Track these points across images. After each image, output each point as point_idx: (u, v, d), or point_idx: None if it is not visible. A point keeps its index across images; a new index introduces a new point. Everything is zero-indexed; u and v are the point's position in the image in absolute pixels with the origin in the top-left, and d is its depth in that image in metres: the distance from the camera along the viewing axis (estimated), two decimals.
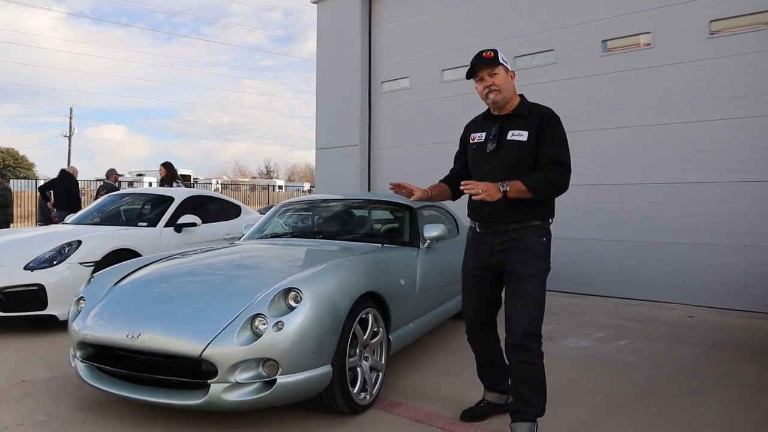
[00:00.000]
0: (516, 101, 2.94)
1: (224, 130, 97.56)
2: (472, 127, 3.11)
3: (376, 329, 3.37)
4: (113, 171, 10.49)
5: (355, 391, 3.12)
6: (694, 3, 6.41)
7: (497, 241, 2.88)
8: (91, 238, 5.34)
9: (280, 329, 2.77)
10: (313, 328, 2.85)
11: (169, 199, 6.50)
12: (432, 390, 3.60)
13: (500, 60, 2.86)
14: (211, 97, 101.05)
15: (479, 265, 2.98)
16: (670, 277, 6.55)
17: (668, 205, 6.58)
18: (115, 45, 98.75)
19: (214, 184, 34.88)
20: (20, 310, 4.84)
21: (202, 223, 6.39)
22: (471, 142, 3.04)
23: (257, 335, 2.77)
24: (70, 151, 37.42)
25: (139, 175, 31.87)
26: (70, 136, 37.58)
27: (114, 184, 10.31)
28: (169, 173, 9.23)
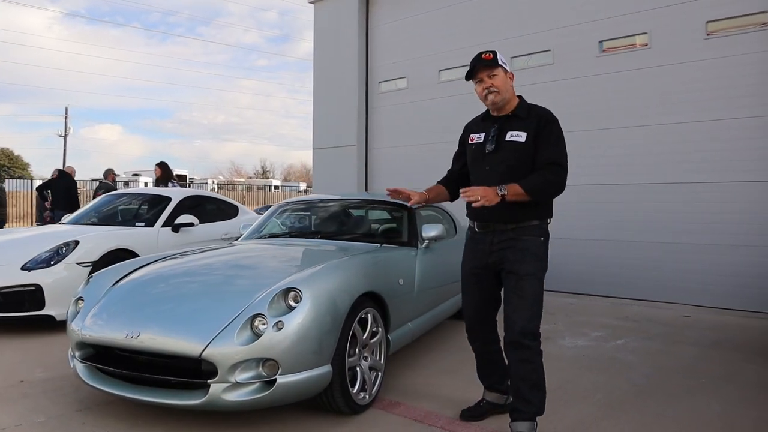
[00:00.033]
0: (515, 102, 2.96)
1: (220, 129, 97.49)
2: (472, 128, 3.13)
3: (375, 329, 3.37)
4: (111, 171, 10.48)
5: (354, 391, 3.12)
6: (691, 4, 6.43)
7: (496, 240, 2.90)
8: (89, 239, 5.32)
9: (280, 329, 2.77)
10: (313, 328, 2.85)
11: (167, 199, 6.49)
12: (431, 390, 3.61)
13: (499, 62, 2.88)
14: (206, 97, 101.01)
15: (478, 263, 2.99)
16: (666, 277, 6.58)
17: (665, 205, 6.60)
18: (111, 45, 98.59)
19: (210, 184, 34.81)
20: (17, 311, 4.82)
21: (199, 223, 6.38)
22: (470, 143, 3.06)
23: (257, 335, 2.77)
24: (65, 150, 37.36)
25: (135, 175, 31.80)
26: (65, 136, 37.51)
27: (112, 183, 10.30)
28: (165, 173, 9.20)
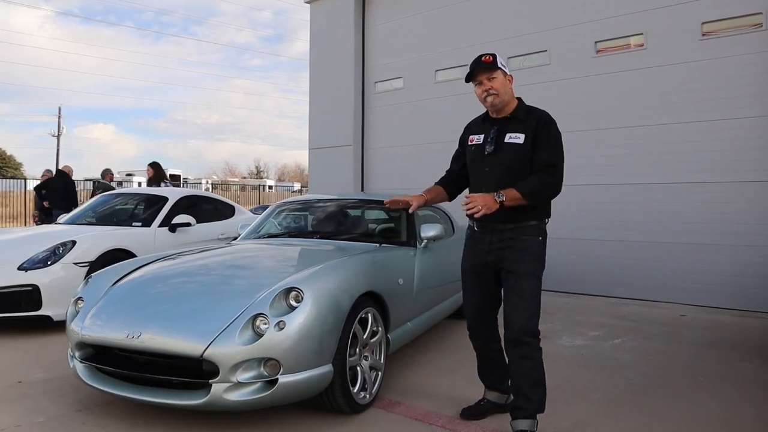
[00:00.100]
0: (514, 104, 2.99)
1: (213, 129, 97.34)
2: (472, 129, 3.15)
3: (375, 329, 3.38)
4: (108, 171, 10.46)
5: (355, 391, 3.12)
6: (686, 5, 6.47)
7: (495, 239, 2.93)
8: (86, 238, 5.30)
9: (282, 329, 2.77)
10: (314, 328, 2.85)
11: (163, 199, 6.47)
12: (430, 389, 3.62)
13: (499, 64, 2.92)
14: (200, 97, 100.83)
15: (478, 262, 3.02)
16: (663, 277, 6.62)
17: (663, 205, 6.63)
18: (104, 44, 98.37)
19: (204, 184, 34.74)
20: (14, 311, 4.79)
21: (196, 223, 6.36)
22: (469, 144, 3.09)
23: (259, 335, 2.76)
24: (58, 150, 37.19)
25: (129, 174, 31.71)
26: (58, 136, 37.37)
27: (109, 183, 10.28)
28: (157, 173, 9.18)
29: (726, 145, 6.25)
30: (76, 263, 5.06)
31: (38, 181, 11.18)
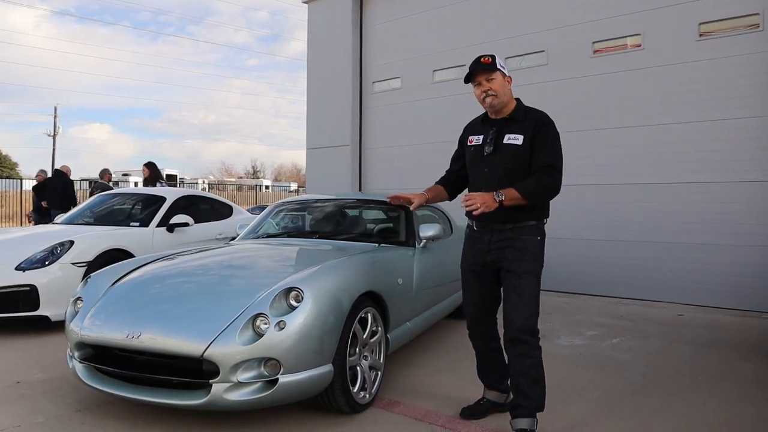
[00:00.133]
0: (512, 105, 3.01)
1: (210, 129, 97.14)
2: (471, 129, 3.17)
3: (375, 328, 3.38)
4: (107, 171, 10.44)
5: (355, 390, 3.13)
6: (684, 6, 6.49)
7: (494, 239, 2.95)
8: (84, 238, 5.28)
9: (282, 329, 2.77)
10: (314, 328, 2.86)
11: (161, 199, 6.46)
12: (430, 388, 3.62)
13: (497, 65, 2.94)
14: (197, 97, 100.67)
15: (477, 261, 3.04)
16: (661, 276, 6.63)
17: (662, 205, 6.64)
18: (100, 44, 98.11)
19: (201, 184, 34.66)
20: (12, 311, 4.78)
21: (194, 223, 6.35)
22: (469, 144, 3.11)
23: (259, 335, 2.76)
24: (54, 150, 37.11)
25: (125, 174, 31.60)
26: (54, 136, 37.24)
27: (108, 183, 10.26)
28: (153, 173, 9.16)
29: (726, 145, 6.25)
30: (74, 263, 5.05)
31: (34, 182, 11.14)
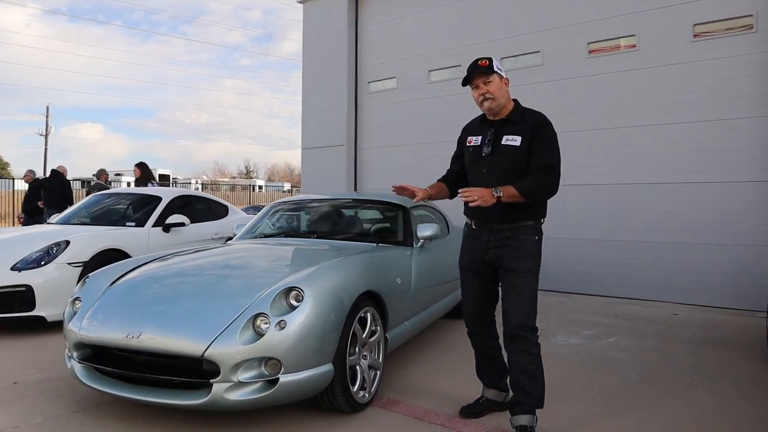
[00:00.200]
0: (510, 107, 3.04)
1: (203, 129, 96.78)
2: (470, 130, 3.21)
3: (374, 328, 3.38)
4: (104, 171, 10.40)
5: (354, 390, 3.13)
6: (678, 7, 6.53)
7: (492, 238, 2.98)
8: (79, 238, 5.26)
9: (283, 328, 2.77)
10: (315, 327, 2.86)
11: (157, 199, 6.44)
12: (429, 388, 3.63)
13: (495, 68, 2.97)
14: (189, 97, 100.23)
15: (475, 259, 3.08)
16: (659, 276, 6.65)
17: (661, 205, 6.66)
18: (92, 43, 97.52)
19: (194, 184, 34.52)
20: (7, 312, 4.75)
21: (190, 223, 6.33)
22: (467, 145, 3.14)
23: (260, 334, 2.77)
24: (46, 150, 36.86)
25: (118, 174, 31.42)
26: (46, 135, 37.01)
27: (105, 184, 10.22)
28: (144, 174, 9.12)
29: (725, 146, 6.27)
30: (69, 263, 5.03)
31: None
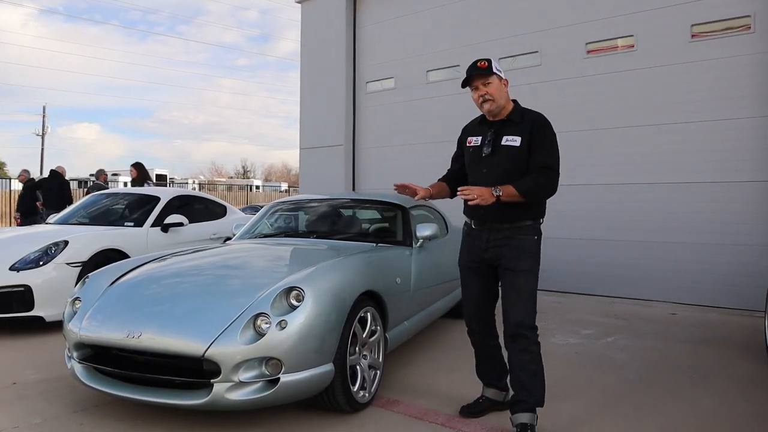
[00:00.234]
0: (510, 107, 3.06)
1: (200, 129, 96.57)
2: (469, 131, 3.22)
3: (374, 328, 3.39)
4: (102, 171, 10.39)
5: (354, 389, 3.14)
6: (675, 7, 6.54)
7: (491, 237, 3.00)
8: (78, 238, 5.25)
9: (284, 328, 2.77)
10: (315, 327, 2.86)
11: (155, 199, 6.43)
12: (428, 387, 3.64)
13: (494, 70, 2.98)
14: (186, 97, 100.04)
15: (475, 258, 3.09)
16: (651, 275, 6.67)
17: (657, 204, 6.67)
18: (89, 43, 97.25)
19: (191, 184, 34.45)
20: (6, 312, 4.74)
21: (188, 223, 6.33)
22: (468, 145, 3.16)
23: (260, 334, 2.77)
24: (43, 150, 36.78)
25: (115, 174, 31.34)
26: (43, 135, 36.89)
27: (104, 184, 10.20)
28: (140, 174, 9.10)
29: (725, 146, 6.28)
30: (68, 263, 5.02)
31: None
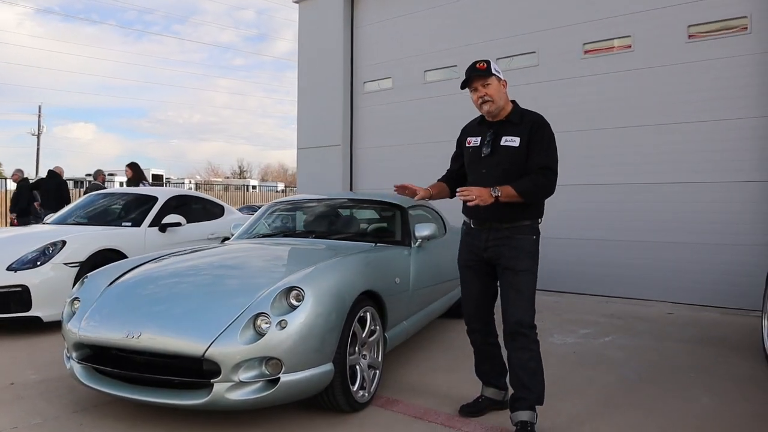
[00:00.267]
0: (509, 108, 3.07)
1: (196, 129, 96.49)
2: (469, 131, 3.23)
3: (373, 327, 3.39)
4: (101, 172, 10.34)
5: (354, 389, 3.14)
6: (672, 8, 6.57)
7: (491, 237, 3.01)
8: (76, 239, 5.24)
9: (284, 328, 2.77)
10: (315, 327, 2.87)
11: (153, 199, 6.42)
12: (428, 387, 3.64)
13: (493, 71, 2.99)
14: (183, 96, 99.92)
15: (474, 257, 3.11)
16: (648, 275, 6.68)
17: (657, 204, 6.69)
18: (85, 42, 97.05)
19: (187, 184, 34.40)
20: (3, 312, 4.73)
21: (186, 222, 6.32)
22: (467, 146, 3.17)
23: (260, 334, 2.77)
24: (38, 150, 36.57)
25: (111, 174, 31.24)
26: (38, 135, 36.73)
27: (102, 184, 10.16)
28: (136, 174, 9.07)
29: (725, 146, 6.29)
30: (66, 263, 5.01)
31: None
